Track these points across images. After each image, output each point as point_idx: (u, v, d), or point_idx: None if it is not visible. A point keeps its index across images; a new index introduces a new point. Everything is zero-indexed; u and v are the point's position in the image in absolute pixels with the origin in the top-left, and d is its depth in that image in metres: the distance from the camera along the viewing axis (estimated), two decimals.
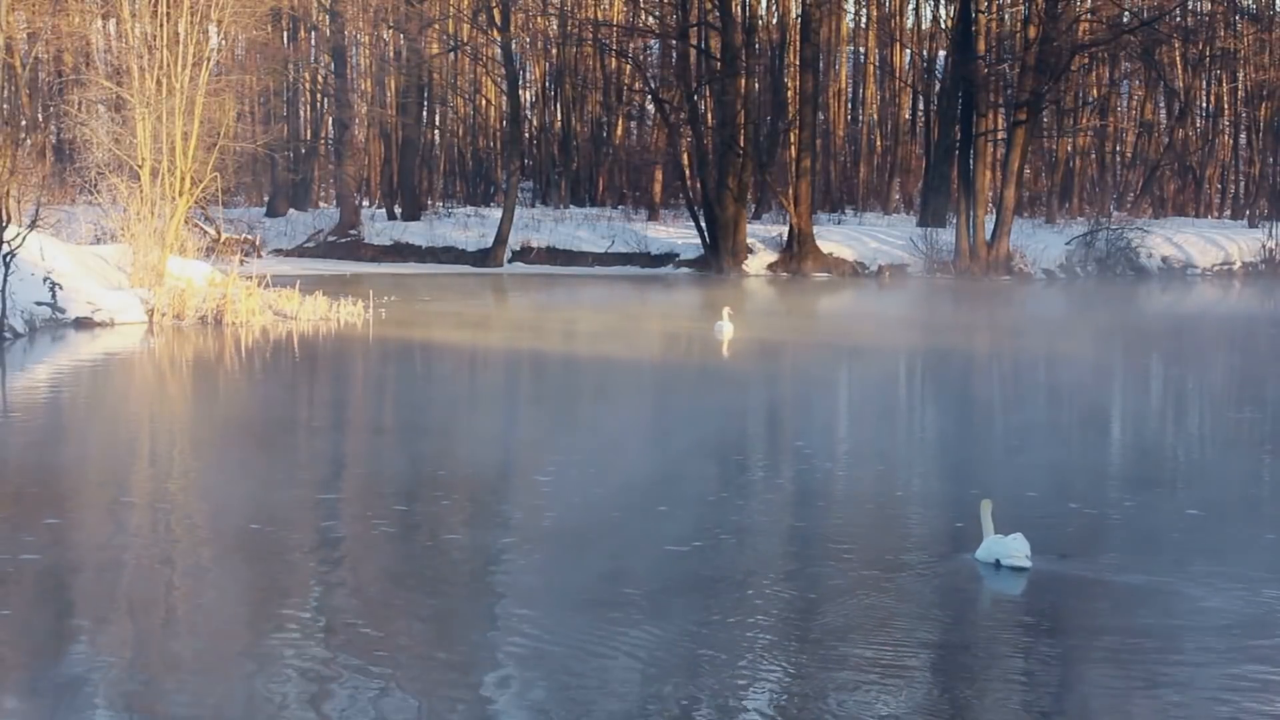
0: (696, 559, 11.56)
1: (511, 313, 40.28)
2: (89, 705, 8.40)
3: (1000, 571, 11.27)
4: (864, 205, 74.74)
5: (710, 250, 56.70)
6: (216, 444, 17.55)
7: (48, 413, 20.30)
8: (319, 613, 10.22)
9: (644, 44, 68.91)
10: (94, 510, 13.47)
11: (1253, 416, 20.86)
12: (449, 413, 20.42)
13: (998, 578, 11.21)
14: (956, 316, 39.38)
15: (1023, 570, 11.21)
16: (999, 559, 11.34)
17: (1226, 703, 8.56)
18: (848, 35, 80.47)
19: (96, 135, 39.27)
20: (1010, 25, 63.54)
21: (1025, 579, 11.14)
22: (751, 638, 9.61)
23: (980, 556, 11.48)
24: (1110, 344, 31.73)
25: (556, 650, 9.25)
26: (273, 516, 12.99)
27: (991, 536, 11.51)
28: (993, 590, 11.09)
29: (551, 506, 13.52)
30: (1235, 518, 13.44)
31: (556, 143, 74.55)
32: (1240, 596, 10.57)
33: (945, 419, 20.35)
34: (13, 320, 28.73)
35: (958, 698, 8.72)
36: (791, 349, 29.98)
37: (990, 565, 11.37)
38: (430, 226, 61.28)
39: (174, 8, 37.77)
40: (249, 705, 8.45)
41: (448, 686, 8.74)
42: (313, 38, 66.24)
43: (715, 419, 19.40)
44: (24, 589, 10.74)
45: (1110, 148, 76.69)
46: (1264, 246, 61.05)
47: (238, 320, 32.07)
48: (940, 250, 56.02)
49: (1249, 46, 74.85)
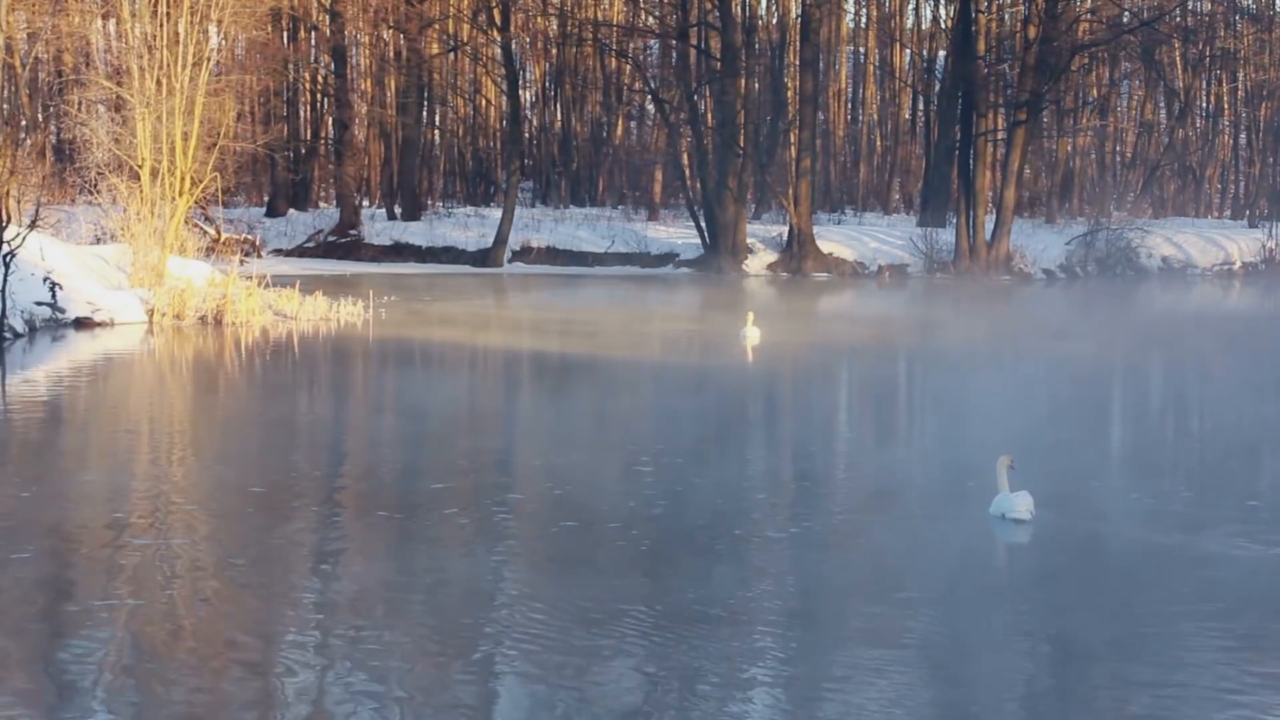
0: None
1: (517, 314, 40.21)
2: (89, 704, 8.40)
3: (1004, 523, 12.72)
4: (864, 205, 74.79)
5: (710, 250, 56.71)
6: (217, 444, 17.53)
7: (47, 412, 20.27)
8: (320, 616, 10.22)
9: (644, 44, 68.93)
10: (94, 511, 13.46)
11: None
12: (530, 427, 20.36)
13: (1001, 527, 12.71)
14: (973, 318, 39.26)
15: (1023, 523, 12.65)
16: (1004, 512, 12.79)
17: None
18: (848, 35, 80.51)
19: (96, 135, 39.27)
20: (1010, 25, 63.55)
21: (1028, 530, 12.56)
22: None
23: (991, 510, 12.94)
24: (1137, 343, 31.81)
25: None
26: (274, 517, 12.99)
27: (1002, 492, 12.87)
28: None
29: (652, 494, 13.53)
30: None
31: (556, 143, 74.57)
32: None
33: (1014, 414, 20.19)
34: (13, 320, 28.72)
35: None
36: (821, 353, 29.49)
37: (998, 518, 12.83)
38: (430, 226, 61.27)
39: (174, 8, 37.76)
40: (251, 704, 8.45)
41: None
42: (313, 38, 66.24)
43: (779, 424, 19.40)
44: (23, 589, 10.73)
45: (1110, 148, 76.73)
46: (1264, 246, 61.08)
47: (238, 320, 32.07)
48: (940, 250, 56.03)
49: (1249, 46, 74.89)
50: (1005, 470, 12.92)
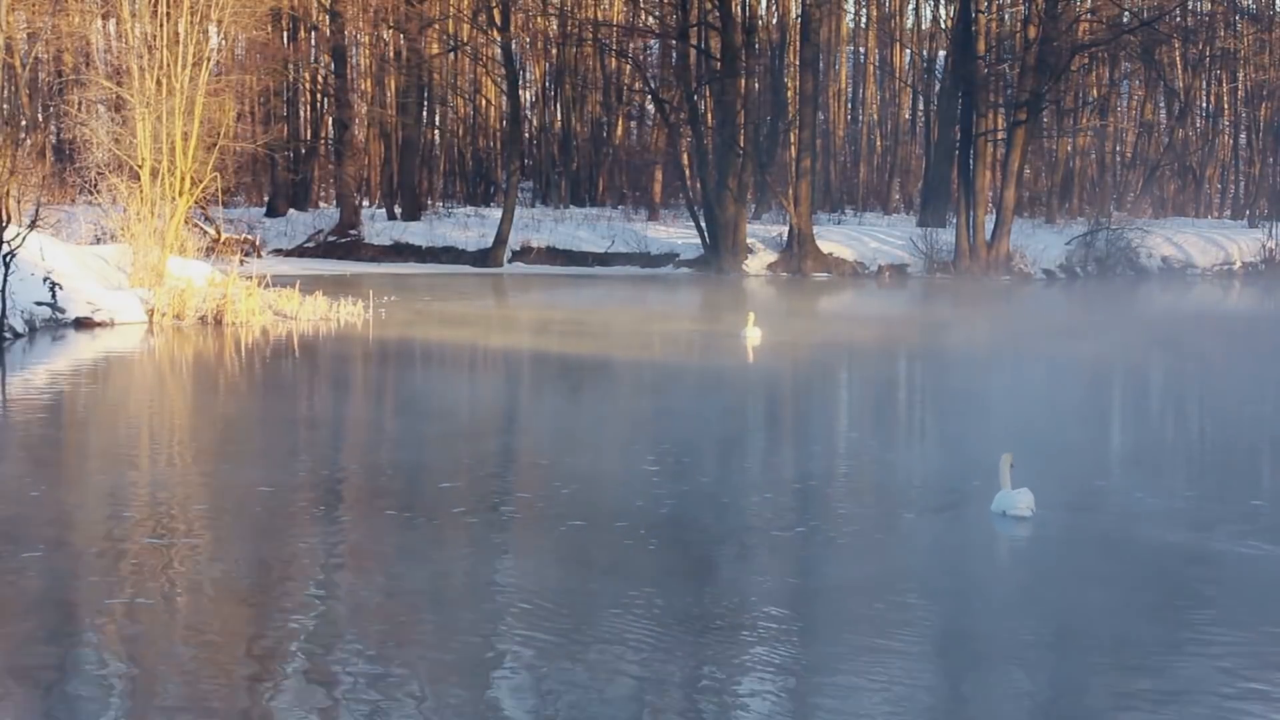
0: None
1: (517, 314, 40.20)
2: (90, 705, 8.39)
3: (1005, 520, 12.83)
4: (864, 205, 74.81)
5: (710, 250, 56.71)
6: (217, 444, 17.52)
7: (47, 412, 20.26)
8: (322, 615, 10.21)
9: (644, 44, 68.92)
10: (92, 508, 13.45)
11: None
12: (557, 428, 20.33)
13: (1002, 524, 12.80)
14: (974, 318, 39.24)
15: (1024, 520, 12.75)
16: (1005, 509, 12.90)
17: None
18: (848, 35, 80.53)
19: (96, 135, 39.27)
20: (1010, 25, 63.56)
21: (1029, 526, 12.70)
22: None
23: (992, 507, 13.03)
24: (1138, 343, 31.82)
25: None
26: (274, 519, 12.97)
27: (1004, 490, 12.99)
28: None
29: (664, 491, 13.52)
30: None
31: (556, 143, 74.57)
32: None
33: (1015, 413, 20.17)
34: (13, 320, 28.71)
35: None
36: (823, 353, 29.39)
37: (999, 515, 12.92)
38: (430, 226, 61.28)
39: (174, 8, 37.77)
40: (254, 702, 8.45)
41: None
42: (313, 38, 66.24)
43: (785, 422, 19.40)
44: (23, 588, 10.73)
45: (1110, 148, 76.73)
46: (1264, 246, 61.09)
47: (237, 320, 32.06)
48: (940, 250, 56.04)
49: (1249, 46, 74.90)
50: (1007, 468, 13.03)
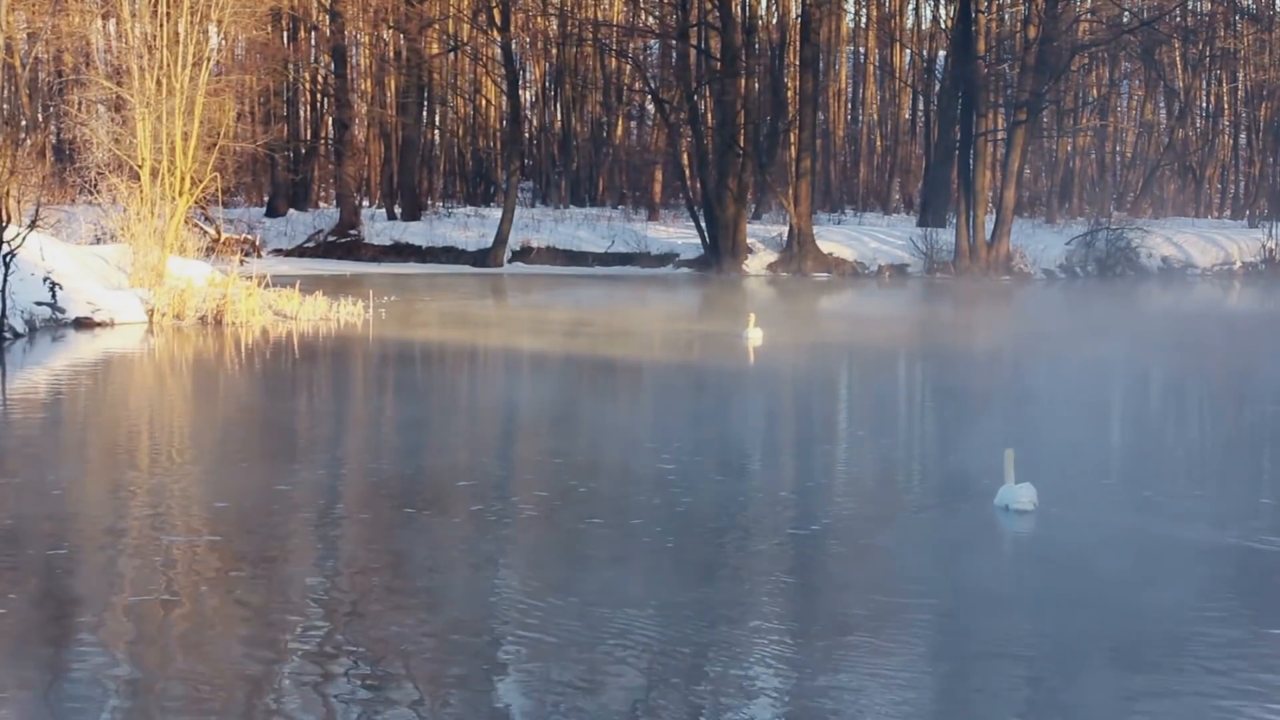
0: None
1: (517, 314, 40.15)
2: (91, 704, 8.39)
3: (1008, 514, 13.04)
4: (864, 205, 74.82)
5: (710, 250, 56.72)
6: (217, 444, 17.51)
7: (47, 412, 20.26)
8: (325, 617, 10.21)
9: (644, 44, 68.95)
10: (92, 508, 13.44)
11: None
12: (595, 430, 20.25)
13: (1005, 518, 13.01)
14: (974, 317, 39.20)
15: (1026, 514, 12.95)
16: (1008, 504, 13.10)
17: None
18: (848, 35, 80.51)
19: (96, 135, 39.27)
20: (1010, 25, 63.59)
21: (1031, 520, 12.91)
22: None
23: (995, 502, 13.25)
24: (1139, 342, 31.85)
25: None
26: (274, 518, 12.97)
27: (1006, 484, 13.20)
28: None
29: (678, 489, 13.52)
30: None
31: (556, 143, 74.58)
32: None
33: (1016, 412, 20.15)
34: (13, 320, 28.71)
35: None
36: (824, 353, 29.31)
37: (1002, 509, 13.12)
38: (430, 226, 61.30)
39: (174, 8, 37.77)
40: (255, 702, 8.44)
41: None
42: (313, 38, 66.25)
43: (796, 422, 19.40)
44: (23, 588, 10.72)
45: (1110, 148, 76.75)
46: (1264, 246, 61.09)
47: (238, 320, 32.06)
48: (940, 250, 56.05)
49: (1249, 46, 74.88)
50: (1011, 463, 13.20)
